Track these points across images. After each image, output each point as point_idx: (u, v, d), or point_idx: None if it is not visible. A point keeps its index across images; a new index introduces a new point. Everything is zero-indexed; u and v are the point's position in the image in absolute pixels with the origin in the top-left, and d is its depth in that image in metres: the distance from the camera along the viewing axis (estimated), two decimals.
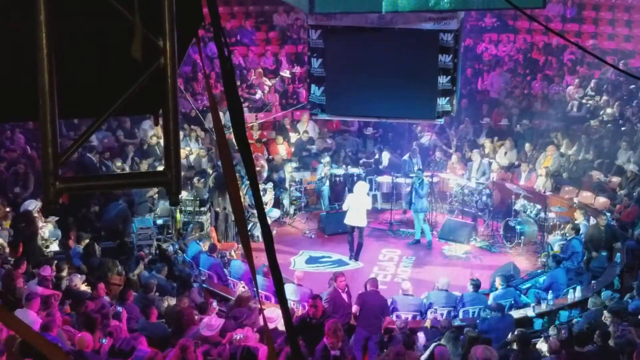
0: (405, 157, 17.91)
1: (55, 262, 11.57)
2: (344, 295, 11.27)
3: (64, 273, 11.24)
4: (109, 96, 2.41)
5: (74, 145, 2.41)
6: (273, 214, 16.40)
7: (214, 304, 11.49)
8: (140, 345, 8.58)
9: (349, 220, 15.08)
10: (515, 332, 9.93)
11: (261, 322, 10.11)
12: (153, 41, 2.34)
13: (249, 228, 14.81)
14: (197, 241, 13.78)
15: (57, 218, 13.09)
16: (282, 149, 19.03)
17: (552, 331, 10.40)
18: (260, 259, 10.59)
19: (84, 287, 10.96)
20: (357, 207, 14.92)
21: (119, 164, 15.89)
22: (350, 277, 13.15)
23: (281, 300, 2.68)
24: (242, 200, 14.11)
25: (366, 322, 10.92)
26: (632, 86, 19.51)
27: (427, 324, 11.19)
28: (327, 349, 8.53)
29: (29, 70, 2.28)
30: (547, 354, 9.42)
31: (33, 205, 12.99)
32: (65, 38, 2.33)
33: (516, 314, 11.85)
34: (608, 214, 14.75)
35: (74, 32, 2.47)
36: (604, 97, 19.63)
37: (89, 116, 2.80)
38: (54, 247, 12.84)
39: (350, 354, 9.51)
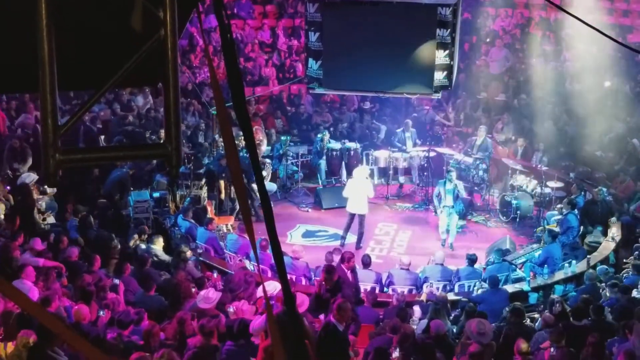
0: (398, 130, 17.88)
1: (53, 234, 11.60)
2: (349, 273, 11.21)
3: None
4: (108, 68, 2.40)
5: (74, 116, 2.41)
6: (270, 187, 16.40)
7: (215, 274, 11.58)
8: (141, 323, 8.62)
9: (349, 208, 14.66)
10: (510, 306, 10.01)
11: (257, 295, 10.17)
12: (153, 12, 2.32)
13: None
14: (182, 217, 13.73)
15: (55, 191, 13.10)
16: (278, 123, 19.01)
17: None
18: (257, 233, 10.61)
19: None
20: (357, 194, 14.50)
21: None
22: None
23: (280, 271, 2.68)
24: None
25: None
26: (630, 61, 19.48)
27: (423, 297, 11.26)
28: (335, 326, 8.30)
29: (28, 41, 2.27)
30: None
31: (30, 179, 12.98)
32: (65, 8, 2.32)
33: (511, 288, 11.92)
34: (604, 189, 14.79)
35: (73, 3, 2.45)
36: (602, 72, 19.58)
37: (89, 88, 2.79)
38: (51, 219, 12.85)
39: (353, 332, 9.39)
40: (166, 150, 2.39)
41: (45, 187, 12.84)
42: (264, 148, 17.13)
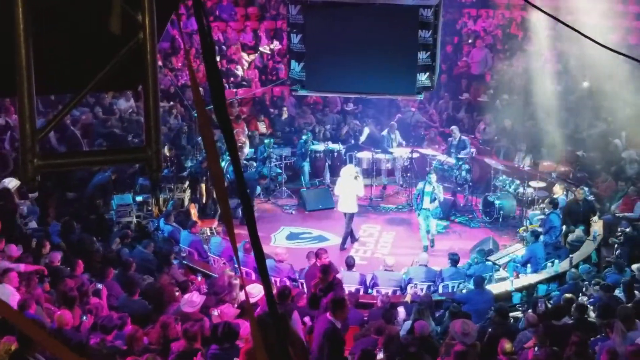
0: (384, 132, 17.92)
1: (34, 239, 11.50)
2: None
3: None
4: (87, 72, 2.38)
5: (52, 121, 2.39)
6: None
7: (199, 278, 11.54)
8: (124, 327, 8.56)
9: (339, 207, 14.94)
10: (495, 306, 10.04)
11: (241, 298, 10.14)
12: (132, 16, 2.31)
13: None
14: (164, 221, 13.65)
15: (36, 195, 12.99)
16: (261, 126, 18.99)
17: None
18: (241, 236, 10.59)
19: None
20: (344, 193, 14.69)
21: None
22: (330, 253, 13.12)
23: (262, 274, 2.68)
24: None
25: None
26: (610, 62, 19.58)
27: (408, 298, 11.27)
28: (333, 324, 8.28)
29: (5, 46, 2.25)
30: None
31: (13, 184, 12.87)
32: (43, 13, 2.30)
33: (495, 288, 11.96)
34: (586, 189, 14.88)
35: (51, 7, 2.44)
36: (582, 72, 19.70)
37: (67, 92, 2.77)
38: (33, 224, 12.75)
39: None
40: (146, 154, 2.38)
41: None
42: (247, 150, 17.11)
